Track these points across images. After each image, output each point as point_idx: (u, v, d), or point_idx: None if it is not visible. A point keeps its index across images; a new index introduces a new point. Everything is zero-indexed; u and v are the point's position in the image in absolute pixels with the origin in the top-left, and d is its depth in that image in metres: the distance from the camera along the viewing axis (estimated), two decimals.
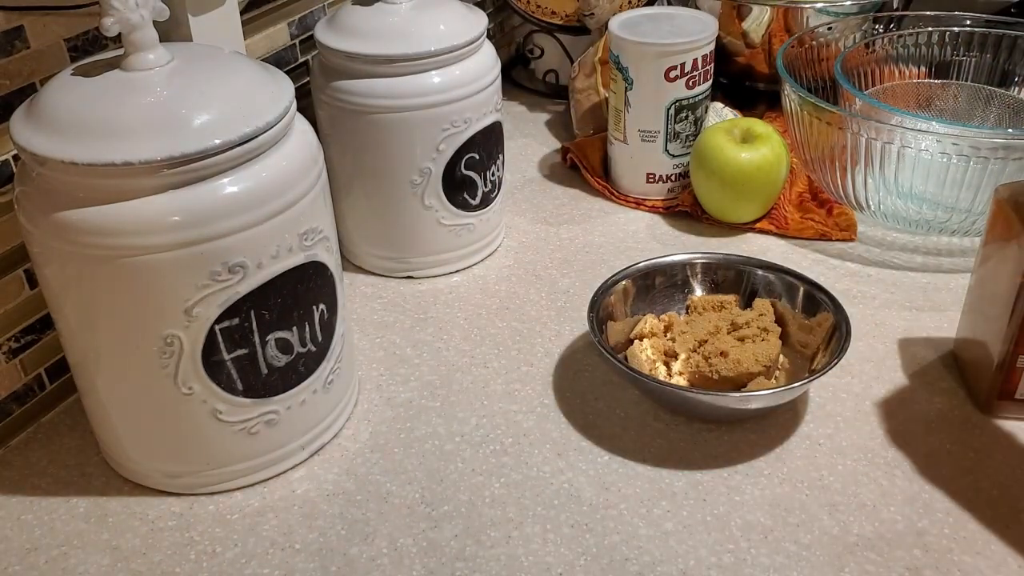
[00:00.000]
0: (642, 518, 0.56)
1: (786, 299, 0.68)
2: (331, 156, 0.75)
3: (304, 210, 0.54)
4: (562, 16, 1.06)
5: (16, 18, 0.58)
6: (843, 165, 0.78)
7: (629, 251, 0.82)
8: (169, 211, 0.49)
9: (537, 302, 0.76)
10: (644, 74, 0.83)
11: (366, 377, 0.68)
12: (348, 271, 0.81)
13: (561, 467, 0.60)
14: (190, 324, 0.52)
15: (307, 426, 0.60)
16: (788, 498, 0.57)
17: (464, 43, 0.72)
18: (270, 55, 0.81)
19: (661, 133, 0.86)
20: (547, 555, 0.54)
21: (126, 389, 0.55)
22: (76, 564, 0.55)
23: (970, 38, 0.91)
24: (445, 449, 0.62)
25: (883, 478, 0.58)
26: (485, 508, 0.57)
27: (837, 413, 0.63)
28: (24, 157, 0.50)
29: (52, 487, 0.60)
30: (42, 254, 0.52)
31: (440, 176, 0.75)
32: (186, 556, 0.55)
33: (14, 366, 0.63)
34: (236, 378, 0.55)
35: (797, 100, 0.80)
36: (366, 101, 0.72)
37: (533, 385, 0.67)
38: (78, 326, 0.54)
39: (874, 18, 0.94)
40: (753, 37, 0.99)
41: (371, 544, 0.55)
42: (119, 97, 0.50)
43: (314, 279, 0.56)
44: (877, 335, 0.70)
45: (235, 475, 0.58)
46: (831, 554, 0.53)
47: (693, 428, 0.62)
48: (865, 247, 0.81)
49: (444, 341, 0.72)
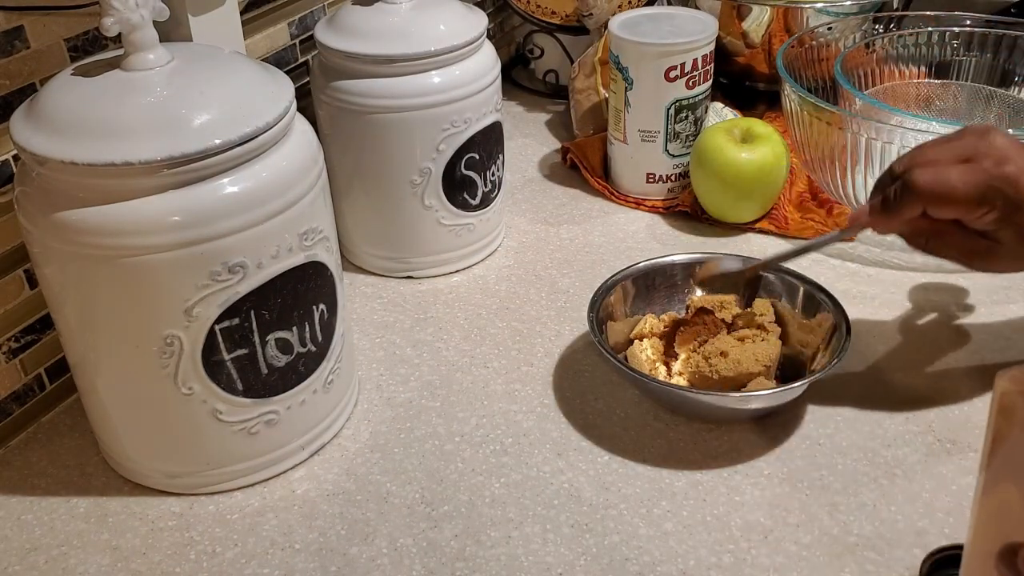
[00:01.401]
0: (642, 518, 0.56)
1: (786, 299, 0.68)
2: (331, 156, 0.75)
3: (304, 210, 0.54)
4: (562, 16, 1.06)
5: (16, 18, 0.58)
6: (843, 165, 0.78)
7: (629, 251, 0.82)
8: (169, 211, 0.49)
9: (537, 302, 0.76)
10: (644, 74, 0.83)
11: (366, 377, 0.68)
12: (348, 271, 0.81)
13: (561, 467, 0.60)
14: (190, 324, 0.52)
15: (307, 426, 0.60)
16: (788, 498, 0.57)
17: (464, 43, 0.72)
18: (270, 55, 0.81)
19: (661, 133, 0.86)
20: (547, 555, 0.54)
21: (126, 389, 0.55)
22: (76, 564, 0.55)
23: (970, 38, 0.91)
24: (445, 449, 0.62)
25: (883, 478, 0.58)
26: (485, 508, 0.57)
27: (837, 413, 0.63)
28: (24, 157, 0.50)
29: (52, 487, 0.60)
30: (42, 254, 0.52)
31: (440, 176, 0.75)
32: (186, 556, 0.55)
33: (14, 366, 0.63)
34: (236, 378, 0.55)
35: (797, 100, 0.80)
36: (366, 101, 0.72)
37: (533, 385, 0.67)
38: (78, 326, 0.54)
39: (874, 18, 0.94)
40: (753, 37, 0.99)
41: (371, 544, 0.55)
42: (119, 97, 0.50)
43: (314, 279, 0.56)
44: (877, 335, 0.70)
45: (235, 475, 0.58)
46: (831, 554, 0.53)
47: (693, 428, 0.62)
48: (865, 247, 0.81)
49: (444, 341, 0.72)
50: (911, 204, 0.56)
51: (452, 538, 0.55)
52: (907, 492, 0.57)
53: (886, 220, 0.58)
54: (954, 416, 0.63)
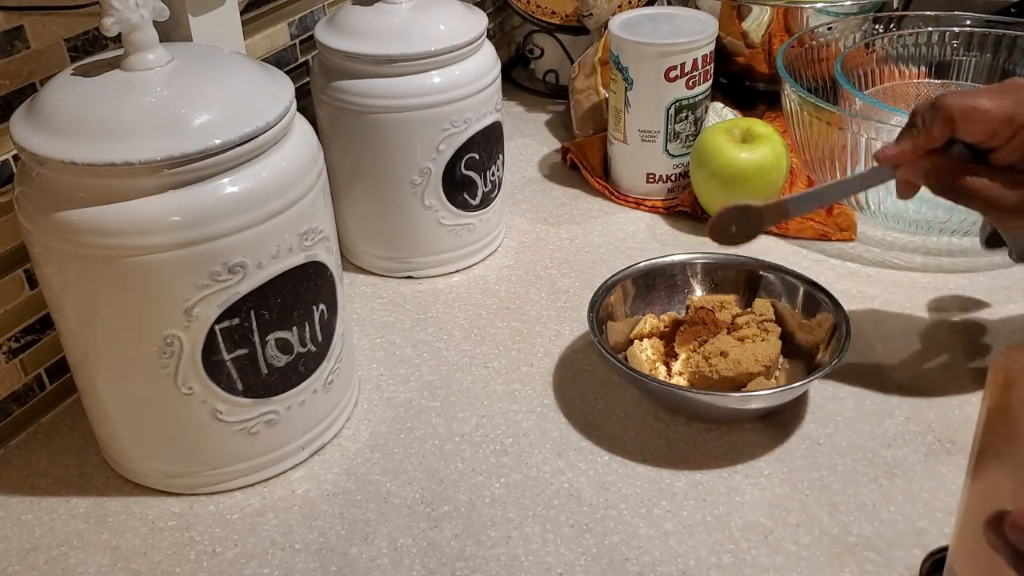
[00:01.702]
0: (642, 518, 0.56)
1: (786, 299, 0.68)
2: (331, 156, 0.75)
3: (304, 210, 0.54)
4: (562, 16, 1.06)
5: (16, 18, 0.58)
6: (843, 165, 0.78)
7: (629, 251, 0.82)
8: (169, 211, 0.49)
9: (537, 302, 0.76)
10: (644, 74, 0.83)
11: (366, 377, 0.68)
12: (348, 271, 0.81)
13: (561, 467, 0.60)
14: (190, 324, 0.52)
15: (307, 426, 0.60)
16: (788, 498, 0.57)
17: (464, 43, 0.72)
18: (270, 55, 0.81)
19: (661, 133, 0.86)
20: (547, 555, 0.54)
21: (126, 389, 0.55)
22: (76, 564, 0.55)
23: (970, 38, 0.91)
24: (445, 449, 0.62)
25: (883, 478, 0.58)
26: (485, 508, 0.57)
27: (837, 413, 0.63)
28: (24, 157, 0.50)
29: (52, 487, 0.60)
30: (42, 254, 0.52)
31: (440, 176, 0.75)
32: (186, 556, 0.55)
33: (14, 366, 0.63)
34: (236, 378, 0.55)
35: (797, 100, 0.80)
36: (366, 101, 0.72)
37: (533, 385, 0.67)
38: (78, 326, 0.54)
39: (874, 18, 0.94)
40: (753, 37, 0.99)
41: (371, 544, 0.55)
42: (119, 97, 0.50)
43: (314, 279, 0.56)
44: (877, 335, 0.70)
45: (235, 475, 0.58)
46: (831, 554, 0.53)
47: (693, 428, 0.62)
48: (865, 247, 0.81)
49: (444, 341, 0.72)
50: (940, 123, 0.54)
51: (452, 538, 0.55)
52: (907, 492, 0.57)
53: (914, 146, 0.56)
54: (954, 416, 0.63)
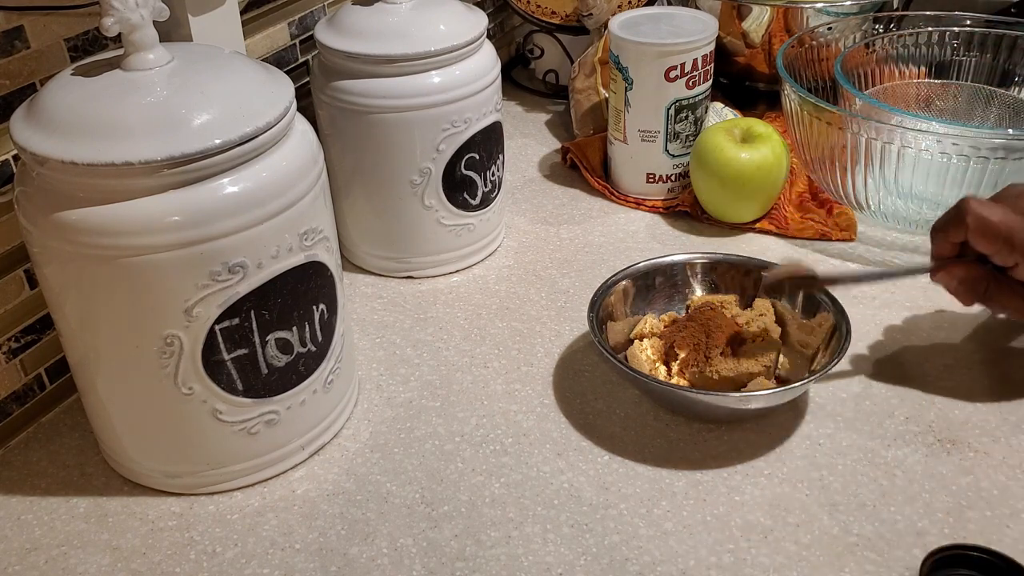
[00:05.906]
0: (642, 518, 0.56)
1: (786, 299, 0.68)
2: (331, 156, 0.75)
3: (304, 210, 0.54)
4: (562, 16, 1.06)
5: (16, 18, 0.58)
6: (843, 165, 0.78)
7: (629, 251, 0.82)
8: (169, 211, 0.49)
9: (537, 302, 0.76)
10: (644, 74, 0.83)
11: (366, 377, 0.68)
12: (348, 271, 0.81)
13: (561, 467, 0.60)
14: (190, 324, 0.52)
15: (307, 426, 0.60)
16: (788, 498, 0.57)
17: (464, 43, 0.72)
18: (270, 55, 0.81)
19: (661, 133, 0.86)
20: (547, 555, 0.54)
21: (126, 389, 0.55)
22: (76, 564, 0.55)
23: (970, 38, 0.91)
24: (445, 449, 0.62)
25: (883, 478, 0.58)
26: (485, 508, 0.57)
27: (837, 413, 0.63)
28: (24, 157, 0.50)
29: (52, 487, 0.60)
30: (42, 254, 0.52)
31: (440, 176, 0.75)
32: (186, 556, 0.55)
33: (14, 366, 0.63)
34: (236, 378, 0.55)
35: (797, 100, 0.80)
36: (366, 101, 0.72)
37: (533, 385, 0.67)
38: (78, 326, 0.54)
39: (874, 18, 0.94)
40: (753, 37, 0.99)
41: (371, 544, 0.55)
42: (119, 97, 0.50)
43: (314, 279, 0.56)
44: (877, 335, 0.70)
45: (235, 475, 0.58)
46: (831, 554, 0.53)
47: (693, 428, 0.62)
48: (865, 247, 0.81)
49: (444, 341, 0.72)
50: (956, 225, 0.60)
51: (452, 538, 0.55)
52: (907, 492, 0.57)
53: (937, 242, 0.62)
54: (954, 416, 0.63)
